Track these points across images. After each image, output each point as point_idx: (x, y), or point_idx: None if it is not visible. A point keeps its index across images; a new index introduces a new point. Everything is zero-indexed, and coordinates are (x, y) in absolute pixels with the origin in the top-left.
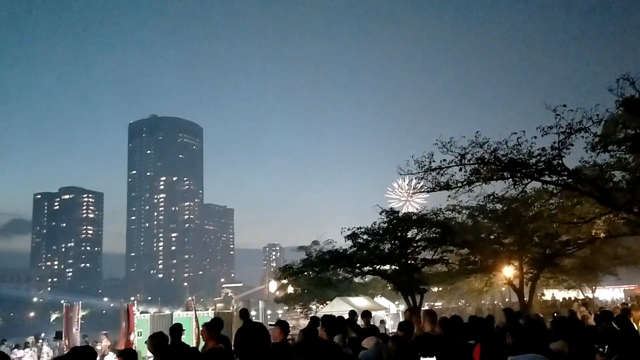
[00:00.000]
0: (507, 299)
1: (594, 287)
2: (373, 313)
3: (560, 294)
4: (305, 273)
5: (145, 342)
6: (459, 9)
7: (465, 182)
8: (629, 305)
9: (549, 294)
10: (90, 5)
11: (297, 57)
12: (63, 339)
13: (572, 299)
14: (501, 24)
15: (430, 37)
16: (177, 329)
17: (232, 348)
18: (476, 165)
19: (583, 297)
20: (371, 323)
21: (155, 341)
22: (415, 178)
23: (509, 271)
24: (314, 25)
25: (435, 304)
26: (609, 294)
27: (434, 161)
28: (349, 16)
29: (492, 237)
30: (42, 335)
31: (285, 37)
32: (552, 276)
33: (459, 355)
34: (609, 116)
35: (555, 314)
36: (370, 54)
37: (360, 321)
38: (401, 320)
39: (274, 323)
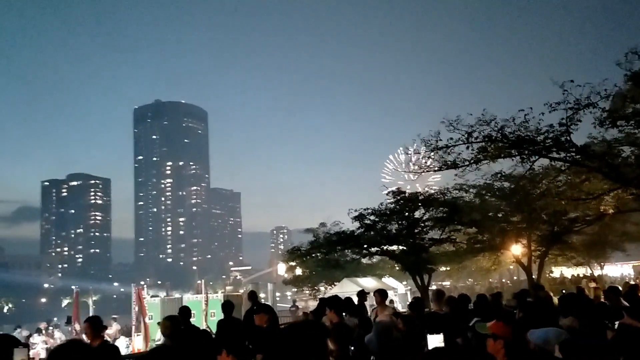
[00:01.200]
0: (515, 277)
1: (602, 264)
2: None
3: (569, 271)
4: (313, 255)
5: (158, 324)
6: None
7: (472, 161)
8: (638, 281)
9: (557, 272)
10: None
11: (301, 36)
12: (72, 323)
13: (581, 275)
14: (508, 0)
15: (437, 12)
16: (186, 312)
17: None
18: (483, 143)
19: (591, 273)
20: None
21: (169, 324)
22: (423, 157)
23: (517, 249)
24: (318, 5)
25: (444, 283)
26: (618, 270)
27: (440, 140)
28: None
29: (499, 215)
30: (55, 320)
31: (290, 18)
32: (560, 253)
33: (465, 333)
34: (618, 91)
35: (564, 291)
36: (375, 30)
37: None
38: (409, 300)
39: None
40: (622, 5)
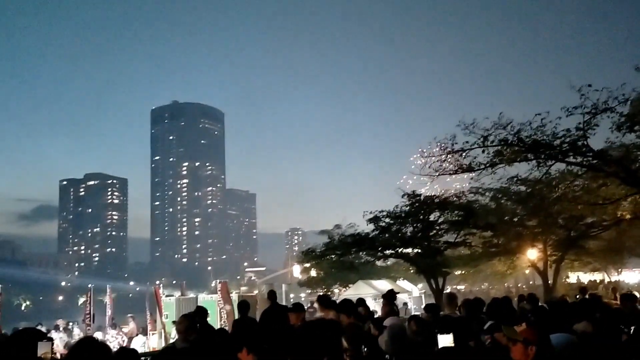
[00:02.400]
0: (531, 282)
1: (619, 270)
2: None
3: (585, 277)
4: (328, 257)
5: (173, 322)
6: None
7: (488, 164)
8: None
9: (574, 277)
10: None
11: (319, 40)
12: (86, 321)
13: (598, 281)
14: (526, 3)
15: (455, 16)
16: (202, 312)
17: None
18: (499, 147)
19: (609, 281)
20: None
21: (184, 322)
22: (438, 161)
23: (532, 254)
24: (337, 7)
25: (459, 286)
26: (636, 276)
27: (456, 143)
28: None
29: (515, 219)
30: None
31: (307, 20)
32: (576, 258)
33: (478, 336)
34: (637, 95)
35: (578, 296)
36: (393, 32)
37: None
38: (424, 303)
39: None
40: None
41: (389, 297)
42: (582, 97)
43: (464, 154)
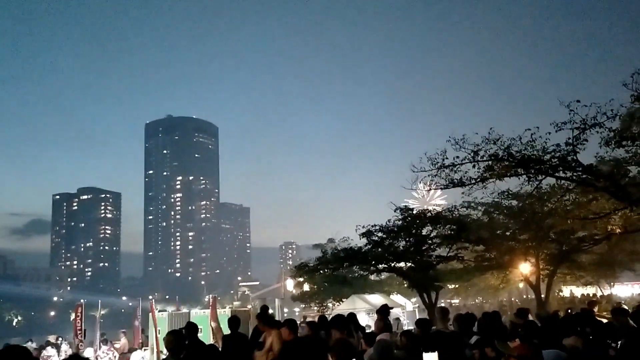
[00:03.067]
0: (524, 296)
1: (612, 283)
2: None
3: (578, 291)
4: (321, 271)
5: (164, 338)
6: (472, 3)
7: (478, 179)
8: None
9: (567, 291)
10: (106, 7)
11: (313, 55)
12: (79, 337)
13: (590, 295)
14: (515, 19)
15: (444, 33)
16: (193, 328)
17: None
18: (490, 162)
19: (601, 294)
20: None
21: (171, 339)
22: (429, 176)
23: (525, 268)
24: (328, 24)
25: (452, 300)
26: (628, 290)
27: (447, 158)
28: (362, 15)
29: (507, 233)
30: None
31: (300, 36)
32: (569, 272)
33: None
34: (627, 111)
35: (569, 310)
36: (383, 52)
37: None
38: (416, 317)
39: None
40: (629, 25)
41: (383, 312)
42: (571, 113)
43: (454, 168)
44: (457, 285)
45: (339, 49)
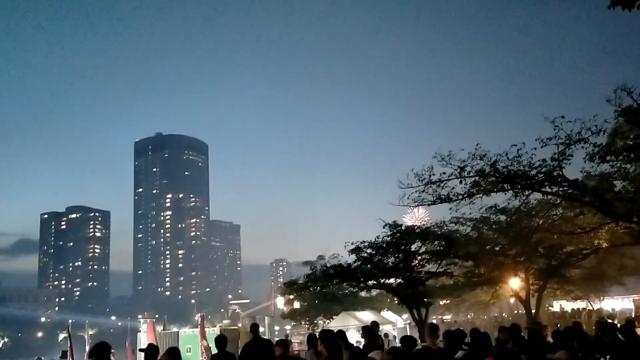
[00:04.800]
0: (515, 311)
1: (602, 297)
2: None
3: (569, 305)
4: (310, 288)
5: (160, 358)
6: (457, 20)
7: (465, 195)
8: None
9: (557, 305)
10: (95, 25)
11: (301, 75)
12: (68, 357)
13: (580, 309)
14: (500, 36)
15: (429, 49)
16: (221, 340)
17: None
18: (476, 178)
19: (590, 309)
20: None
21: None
22: (416, 192)
23: (515, 283)
24: (319, 41)
25: (444, 317)
26: (618, 304)
27: (433, 174)
28: (354, 31)
29: (496, 248)
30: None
31: (290, 54)
32: (558, 287)
33: None
34: (612, 126)
35: (558, 325)
36: (369, 70)
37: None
38: (407, 333)
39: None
40: (612, 42)
41: (367, 331)
42: (555, 129)
43: (441, 184)
44: (447, 301)
45: (328, 66)
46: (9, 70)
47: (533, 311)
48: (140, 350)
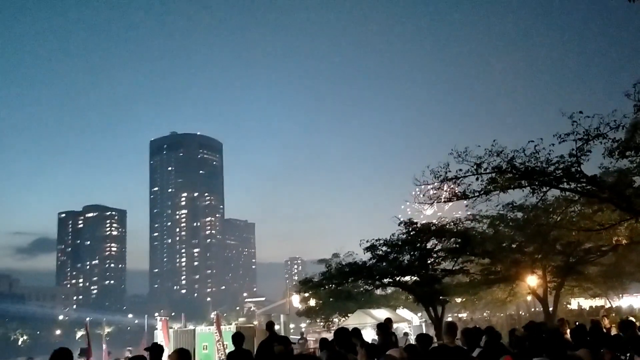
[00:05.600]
0: (532, 309)
1: (620, 295)
2: (395, 325)
3: (587, 303)
4: (325, 286)
5: (169, 356)
6: (473, 15)
7: (482, 192)
8: None
9: (575, 303)
10: (110, 25)
11: (317, 73)
12: (87, 357)
13: (599, 307)
14: (516, 31)
15: (447, 44)
16: (238, 338)
17: None
18: (493, 174)
19: (609, 307)
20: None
21: (176, 356)
22: (432, 188)
23: (532, 280)
24: (331, 36)
25: (460, 314)
26: (637, 301)
27: (449, 171)
28: (364, 28)
29: (513, 246)
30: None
31: (303, 50)
32: (576, 284)
33: None
34: (632, 121)
35: (577, 323)
36: (386, 67)
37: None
38: (423, 331)
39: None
40: (631, 37)
41: (382, 329)
42: (574, 124)
43: (457, 181)
44: (464, 299)
45: (344, 64)
46: (24, 71)
47: (550, 309)
48: (145, 349)
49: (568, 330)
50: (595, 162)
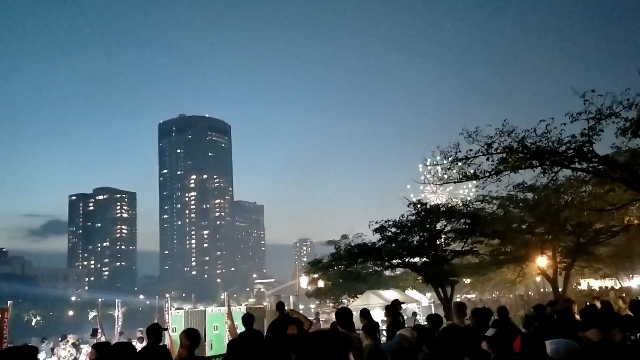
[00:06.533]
0: (542, 289)
1: (631, 276)
2: (404, 306)
3: (596, 283)
4: (334, 267)
5: (179, 336)
6: None
7: (492, 172)
8: None
9: (585, 284)
10: (120, 8)
11: (324, 52)
12: (98, 335)
13: (609, 288)
14: (528, 9)
15: (457, 23)
16: (248, 318)
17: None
18: (504, 155)
19: (619, 287)
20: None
21: (186, 336)
22: (442, 169)
23: (542, 261)
24: (340, 19)
25: (469, 295)
26: None
27: (460, 151)
28: (374, 9)
29: (523, 226)
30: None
31: (312, 32)
32: (586, 265)
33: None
34: None
35: (587, 303)
36: (397, 46)
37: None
38: (432, 312)
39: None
40: None
41: (390, 310)
42: (585, 103)
43: (467, 162)
44: (473, 280)
45: (351, 44)
46: (33, 55)
47: (560, 289)
48: (148, 330)
49: (576, 310)
50: (607, 142)
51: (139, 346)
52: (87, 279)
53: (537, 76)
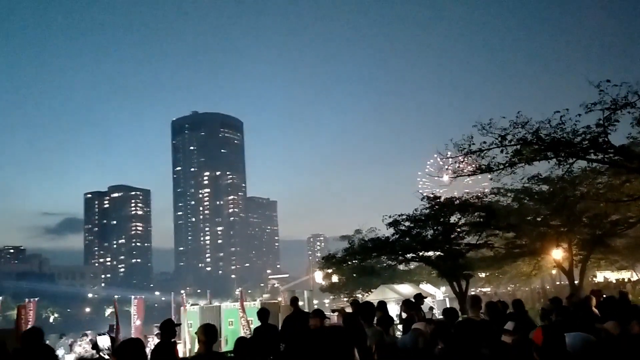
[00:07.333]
0: (557, 282)
1: None
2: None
3: (613, 276)
4: (349, 262)
5: (196, 332)
6: None
7: (507, 164)
8: None
9: (600, 276)
10: (131, 5)
11: (335, 48)
12: (116, 333)
13: (626, 280)
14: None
15: (470, 14)
16: (263, 313)
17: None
18: (518, 146)
19: (636, 279)
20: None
21: (203, 331)
22: (455, 161)
23: (557, 253)
24: (351, 16)
25: (484, 289)
26: None
27: (473, 144)
28: (387, 6)
29: (538, 219)
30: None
31: (324, 29)
32: (603, 257)
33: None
34: None
35: (604, 295)
36: (409, 34)
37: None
38: (447, 306)
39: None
40: None
41: (407, 305)
42: (600, 93)
43: (481, 154)
44: (488, 273)
45: (363, 39)
46: (46, 53)
47: (576, 282)
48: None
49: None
50: (623, 132)
51: (156, 341)
52: (103, 276)
53: (551, 67)
